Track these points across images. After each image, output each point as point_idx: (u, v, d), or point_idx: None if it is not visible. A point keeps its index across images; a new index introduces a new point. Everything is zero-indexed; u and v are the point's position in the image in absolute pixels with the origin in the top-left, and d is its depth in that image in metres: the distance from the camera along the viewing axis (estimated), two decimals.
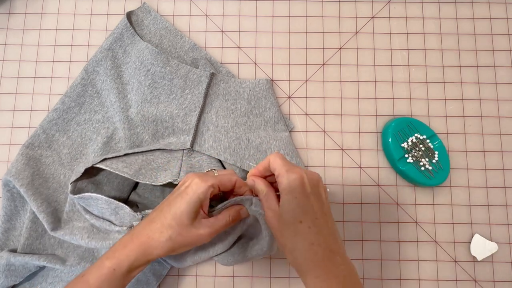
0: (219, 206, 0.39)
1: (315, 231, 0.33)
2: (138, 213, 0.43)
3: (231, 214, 0.38)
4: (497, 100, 0.54)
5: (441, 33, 0.56)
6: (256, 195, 0.38)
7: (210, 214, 0.38)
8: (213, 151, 0.49)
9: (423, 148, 0.51)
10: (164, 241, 0.35)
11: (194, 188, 0.36)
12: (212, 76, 0.51)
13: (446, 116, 0.54)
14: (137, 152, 0.47)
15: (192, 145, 0.49)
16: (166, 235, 0.35)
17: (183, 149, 0.50)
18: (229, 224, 0.38)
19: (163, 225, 0.36)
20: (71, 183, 0.44)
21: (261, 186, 0.37)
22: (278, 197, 0.36)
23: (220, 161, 0.50)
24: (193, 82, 0.52)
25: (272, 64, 0.56)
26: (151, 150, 0.48)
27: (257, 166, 0.38)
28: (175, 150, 0.49)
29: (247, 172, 0.49)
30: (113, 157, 0.45)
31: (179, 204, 0.36)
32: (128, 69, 0.52)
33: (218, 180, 0.38)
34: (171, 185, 0.45)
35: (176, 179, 0.45)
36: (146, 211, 0.44)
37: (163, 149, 0.49)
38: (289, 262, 0.36)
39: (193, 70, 0.52)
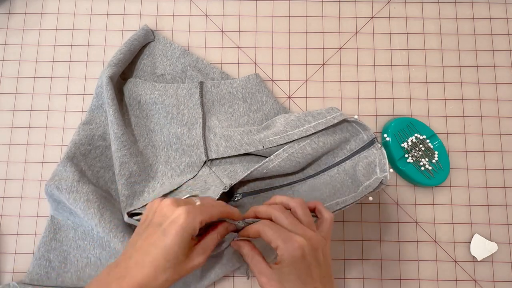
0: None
1: None
2: None
3: (219, 232, 0.37)
4: (497, 100, 0.54)
5: (441, 33, 0.56)
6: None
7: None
8: (230, 151, 0.48)
9: (423, 148, 0.51)
10: (161, 284, 0.32)
11: (183, 226, 0.33)
12: (201, 85, 0.51)
13: (446, 116, 0.54)
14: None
15: (207, 155, 0.48)
16: (162, 278, 0.32)
17: (202, 165, 0.49)
18: (218, 241, 0.37)
19: (158, 269, 0.32)
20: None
21: (246, 250, 0.36)
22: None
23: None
24: (185, 96, 0.51)
25: (272, 64, 0.56)
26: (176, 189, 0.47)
27: (244, 234, 0.37)
28: (199, 170, 0.49)
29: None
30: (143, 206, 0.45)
31: (170, 244, 0.32)
32: (124, 107, 0.52)
33: (208, 216, 0.35)
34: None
35: (226, 186, 0.44)
36: None
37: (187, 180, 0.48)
38: None
39: (181, 86, 0.51)
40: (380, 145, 0.44)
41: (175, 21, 0.57)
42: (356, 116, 0.46)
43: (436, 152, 0.51)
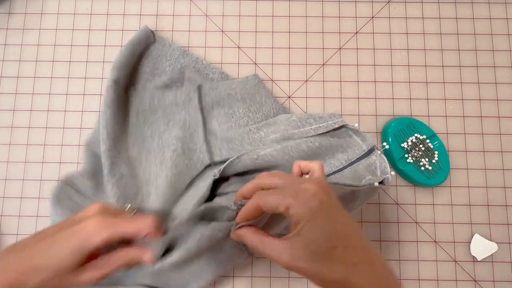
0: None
1: (352, 251, 0.28)
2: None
3: (127, 257, 0.31)
4: (497, 100, 0.54)
5: (441, 33, 0.56)
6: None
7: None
8: (233, 152, 0.47)
9: (423, 148, 0.51)
10: (33, 284, 0.28)
11: (85, 237, 0.29)
12: (200, 88, 0.51)
13: (446, 116, 0.54)
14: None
15: (211, 158, 0.48)
16: (36, 278, 0.28)
17: (204, 167, 0.48)
18: (121, 268, 0.31)
19: (35, 265, 0.28)
20: None
21: (250, 236, 0.30)
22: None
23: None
24: (184, 102, 0.51)
25: (272, 64, 0.56)
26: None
27: (241, 216, 0.31)
28: (207, 177, 0.48)
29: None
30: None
31: (62, 248, 0.29)
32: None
33: (120, 232, 0.30)
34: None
35: (215, 173, 0.43)
36: None
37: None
38: None
39: (179, 91, 0.51)
40: (379, 152, 0.44)
41: (175, 21, 0.57)
42: (356, 125, 0.45)
43: (436, 152, 0.51)
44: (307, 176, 0.34)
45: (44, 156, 0.53)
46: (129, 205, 0.35)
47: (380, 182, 0.42)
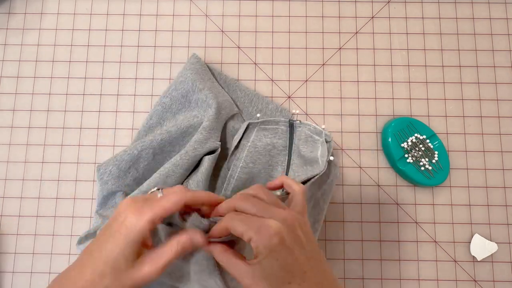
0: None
1: (307, 286, 0.29)
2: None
3: (179, 241, 0.31)
4: (497, 100, 0.54)
5: (441, 33, 0.56)
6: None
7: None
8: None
9: (423, 148, 0.51)
10: None
11: (128, 226, 0.29)
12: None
13: (446, 116, 0.54)
14: None
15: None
16: (100, 285, 0.29)
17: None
18: (179, 254, 0.31)
19: (95, 273, 0.29)
20: None
21: (218, 253, 0.31)
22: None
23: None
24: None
25: (272, 64, 0.56)
26: None
27: (213, 234, 0.32)
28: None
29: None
30: None
31: (112, 247, 0.29)
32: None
33: (160, 209, 0.30)
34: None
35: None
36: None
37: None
38: None
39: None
40: (298, 121, 0.48)
41: (175, 21, 0.57)
42: (301, 114, 0.49)
43: (436, 152, 0.51)
44: (278, 193, 0.37)
45: (44, 156, 0.53)
46: (155, 188, 0.34)
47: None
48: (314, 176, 0.41)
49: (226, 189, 0.47)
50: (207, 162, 0.46)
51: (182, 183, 0.47)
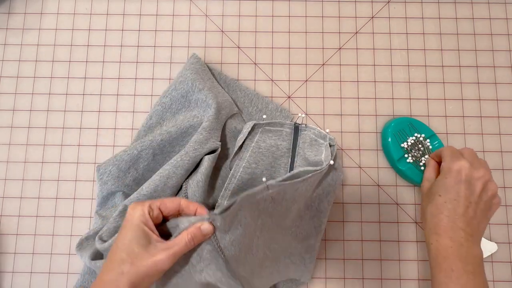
0: (171, 222, 0.36)
1: (449, 207, 0.40)
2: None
3: (190, 233, 0.34)
4: (497, 100, 0.54)
5: (440, 33, 0.56)
6: (209, 216, 0.35)
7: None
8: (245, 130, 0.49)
9: (422, 148, 0.51)
10: (118, 278, 0.32)
11: (131, 213, 0.35)
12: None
13: (445, 116, 0.54)
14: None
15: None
16: (118, 271, 0.32)
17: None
18: (190, 244, 0.34)
19: (114, 262, 0.33)
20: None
21: (430, 161, 0.47)
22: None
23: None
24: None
25: (272, 64, 0.56)
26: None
27: (436, 153, 0.47)
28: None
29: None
30: None
31: (124, 234, 0.34)
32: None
33: (158, 200, 0.36)
34: None
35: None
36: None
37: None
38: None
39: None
40: (304, 125, 0.49)
41: (175, 21, 0.57)
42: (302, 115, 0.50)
43: None
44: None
45: (44, 156, 0.53)
46: None
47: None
48: (308, 172, 0.41)
49: (226, 188, 0.47)
50: (207, 162, 0.46)
51: (182, 183, 0.47)
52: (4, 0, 0.57)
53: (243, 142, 0.48)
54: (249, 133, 0.48)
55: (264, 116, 0.52)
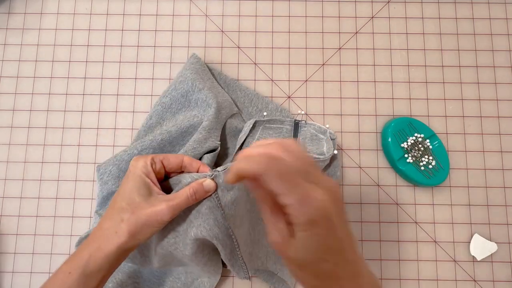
0: (174, 178, 0.37)
1: (343, 266, 0.27)
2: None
3: (192, 187, 0.34)
4: (497, 100, 0.54)
5: (440, 33, 0.56)
6: (212, 173, 0.35)
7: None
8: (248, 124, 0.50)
9: (422, 148, 0.51)
10: (117, 225, 0.33)
11: (134, 165, 0.35)
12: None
13: (445, 116, 0.54)
14: None
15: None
16: (118, 219, 0.33)
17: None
18: (192, 199, 0.34)
19: (114, 210, 0.34)
20: None
21: (266, 208, 0.27)
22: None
23: None
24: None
25: (272, 64, 0.56)
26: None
27: (237, 171, 0.26)
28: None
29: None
30: None
31: (125, 185, 0.35)
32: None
33: (161, 155, 0.37)
34: None
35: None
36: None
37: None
38: None
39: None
40: (304, 122, 0.50)
41: (175, 21, 0.57)
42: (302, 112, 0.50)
43: (436, 152, 0.51)
44: None
45: (44, 156, 0.53)
46: None
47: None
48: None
49: None
50: (206, 161, 0.46)
51: None
52: (4, 0, 0.57)
53: (244, 140, 0.48)
54: (250, 130, 0.49)
55: (265, 113, 0.52)
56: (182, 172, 0.38)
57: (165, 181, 0.38)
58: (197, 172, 0.37)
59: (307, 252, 0.26)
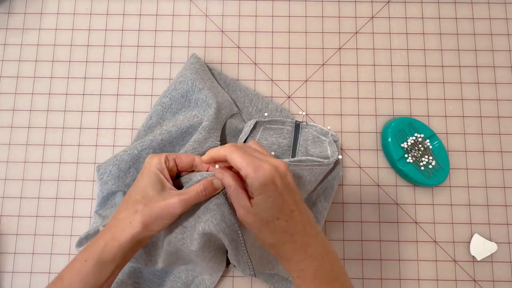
0: (185, 177, 0.39)
1: (293, 223, 0.34)
2: None
3: (202, 184, 0.36)
4: (497, 100, 0.54)
5: (440, 33, 0.56)
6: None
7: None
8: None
9: (422, 148, 0.51)
10: (131, 216, 0.35)
11: (149, 162, 0.38)
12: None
13: (445, 116, 0.54)
14: None
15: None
16: (132, 210, 0.35)
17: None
18: (202, 195, 0.36)
19: (129, 203, 0.36)
20: None
21: (229, 180, 0.35)
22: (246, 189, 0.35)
23: None
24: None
25: (272, 64, 0.56)
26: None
27: (210, 155, 0.35)
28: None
29: None
30: None
31: (140, 180, 0.37)
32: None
33: (174, 154, 0.39)
34: None
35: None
36: None
37: None
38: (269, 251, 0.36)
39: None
40: (305, 123, 0.50)
41: (175, 21, 0.57)
42: (302, 112, 0.50)
43: (436, 152, 0.51)
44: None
45: (43, 156, 0.53)
46: None
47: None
48: (315, 162, 0.43)
49: None
50: None
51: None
52: (4, 0, 0.57)
53: (245, 140, 0.48)
54: (251, 131, 0.49)
55: (266, 114, 0.52)
56: (192, 171, 0.40)
57: (176, 179, 0.40)
58: (207, 171, 0.39)
59: (263, 212, 0.33)
